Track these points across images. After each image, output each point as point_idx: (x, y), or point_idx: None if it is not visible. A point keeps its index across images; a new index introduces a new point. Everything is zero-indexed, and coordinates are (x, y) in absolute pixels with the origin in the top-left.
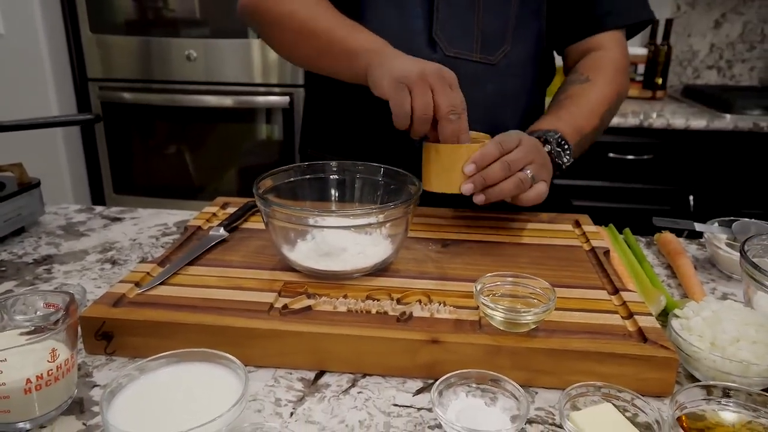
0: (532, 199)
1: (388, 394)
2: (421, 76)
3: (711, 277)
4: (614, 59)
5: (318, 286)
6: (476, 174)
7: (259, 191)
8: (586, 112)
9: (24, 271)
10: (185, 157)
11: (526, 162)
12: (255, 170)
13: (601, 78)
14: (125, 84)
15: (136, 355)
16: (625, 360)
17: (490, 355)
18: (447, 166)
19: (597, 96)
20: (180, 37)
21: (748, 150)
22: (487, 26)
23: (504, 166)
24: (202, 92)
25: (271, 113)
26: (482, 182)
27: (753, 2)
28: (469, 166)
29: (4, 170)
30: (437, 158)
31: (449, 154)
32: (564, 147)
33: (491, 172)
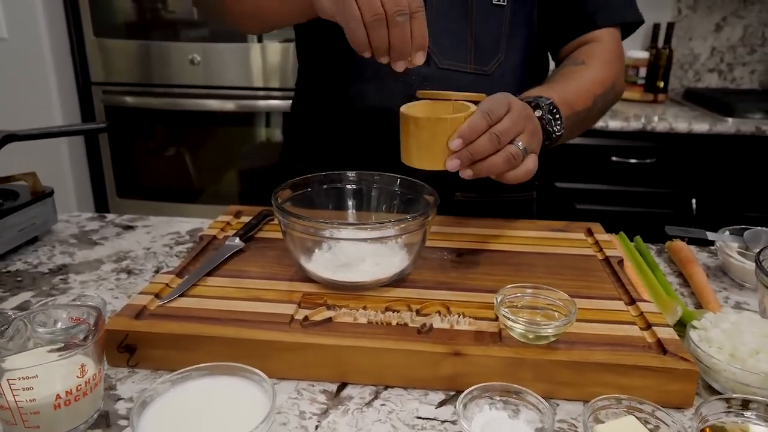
0: (520, 177)
1: (411, 406)
2: None
3: (723, 285)
4: (609, 49)
5: (337, 297)
6: (463, 149)
7: (278, 201)
8: (579, 89)
9: (40, 281)
10: (189, 160)
11: (517, 132)
12: (257, 174)
13: (597, 62)
14: (128, 88)
15: (158, 367)
16: (646, 372)
17: (511, 367)
18: (429, 141)
19: (592, 77)
20: (184, 41)
21: (750, 154)
22: (481, 37)
23: (493, 138)
24: (205, 96)
25: (273, 117)
26: (469, 158)
27: (754, 6)
28: (455, 141)
29: (18, 179)
30: (417, 131)
31: (431, 127)
32: (555, 115)
33: (479, 146)
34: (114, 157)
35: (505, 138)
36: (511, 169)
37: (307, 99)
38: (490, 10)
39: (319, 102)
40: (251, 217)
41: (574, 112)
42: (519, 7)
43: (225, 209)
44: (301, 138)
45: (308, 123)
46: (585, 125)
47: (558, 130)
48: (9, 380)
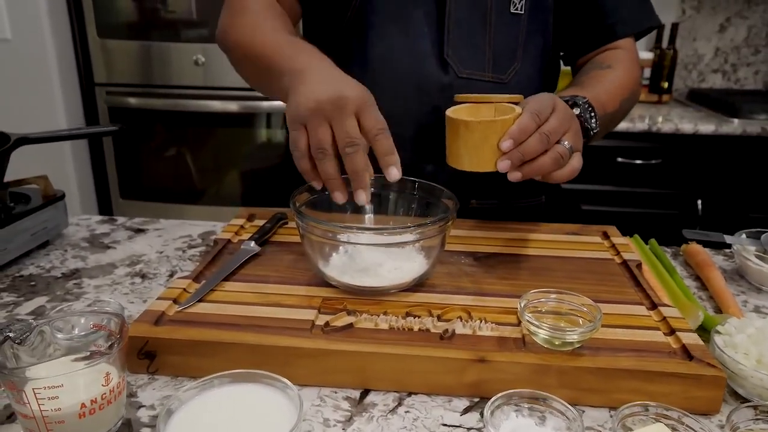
0: (566, 176)
1: (435, 413)
2: (315, 110)
3: (741, 289)
4: (630, 55)
5: (356, 302)
6: (513, 150)
7: (296, 205)
8: (608, 92)
9: (54, 286)
10: (192, 161)
11: (564, 131)
12: (260, 175)
13: (621, 66)
14: (132, 89)
15: (178, 373)
16: (673, 379)
17: (536, 374)
18: (479, 143)
19: (619, 80)
20: (187, 41)
21: (756, 155)
22: (498, 45)
23: (543, 138)
24: (209, 97)
25: (276, 118)
26: (520, 158)
27: (758, 6)
28: (506, 142)
29: (29, 182)
30: (467, 134)
31: (482, 129)
32: (591, 113)
33: (529, 147)
34: (118, 159)
35: (554, 138)
36: (558, 169)
37: None
38: (508, 19)
39: None
40: (265, 221)
41: (605, 113)
42: (535, 16)
43: (235, 212)
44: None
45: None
46: (610, 128)
47: (594, 126)
48: (34, 389)
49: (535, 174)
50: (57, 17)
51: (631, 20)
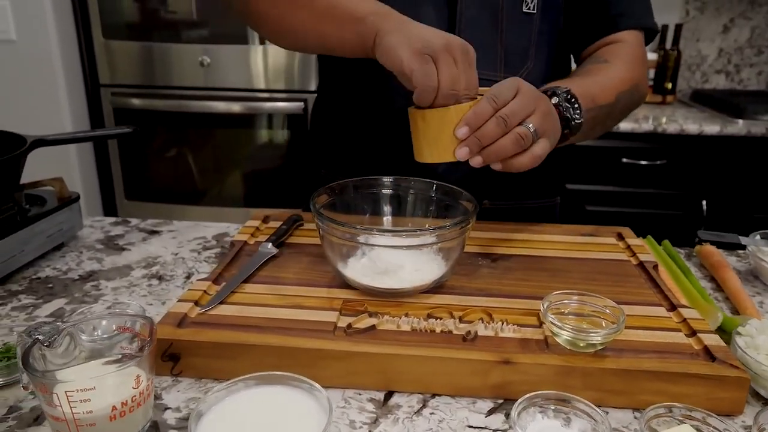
0: (528, 164)
1: (460, 415)
2: (447, 48)
3: (756, 290)
4: (633, 50)
5: (377, 304)
6: (470, 136)
7: (316, 207)
8: (601, 85)
9: (72, 288)
10: (197, 162)
11: (526, 113)
12: (265, 176)
13: (619, 61)
14: (137, 90)
15: (201, 375)
16: (696, 380)
17: (560, 375)
18: (437, 133)
19: (614, 74)
20: (193, 42)
21: (761, 155)
22: (511, 44)
23: (499, 122)
24: (215, 98)
25: (285, 119)
26: (477, 144)
27: (761, 7)
28: (461, 128)
29: (45, 184)
30: (425, 126)
31: (438, 118)
32: (573, 103)
33: (486, 130)
34: (123, 160)
35: (513, 120)
36: (521, 151)
37: (332, 105)
38: (520, 18)
39: (346, 109)
40: (280, 223)
41: (596, 106)
42: (547, 15)
43: (240, 213)
44: (325, 144)
45: (332, 129)
46: (607, 123)
47: (577, 117)
48: (67, 392)
49: (497, 157)
50: (62, 18)
51: (634, 15)
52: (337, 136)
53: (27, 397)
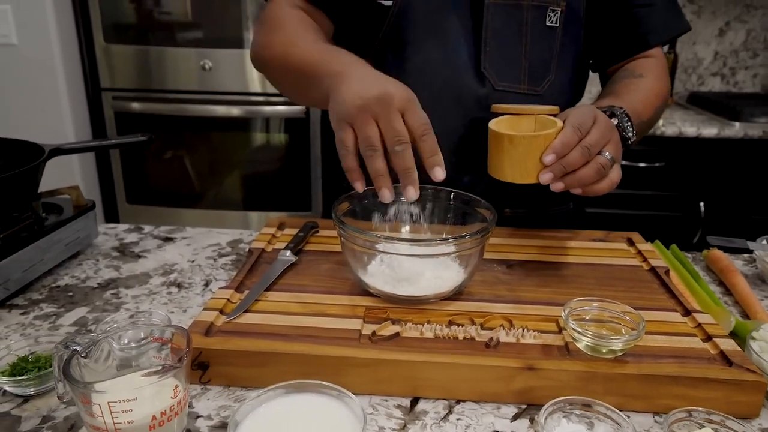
0: (606, 189)
1: (486, 420)
2: (362, 107)
3: (764, 294)
4: (661, 64)
5: (398, 311)
6: (556, 163)
7: (338, 215)
8: (643, 100)
9: (92, 297)
10: (198, 166)
11: (604, 143)
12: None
13: (653, 76)
14: (139, 94)
15: (229, 383)
16: (715, 384)
17: (583, 381)
18: (522, 156)
19: (652, 88)
20: (196, 47)
21: (758, 157)
22: (534, 57)
23: (584, 152)
24: (217, 102)
25: (285, 123)
26: (562, 171)
27: (756, 11)
28: (549, 156)
29: (62, 193)
30: (511, 148)
31: (526, 144)
32: (627, 122)
33: (571, 159)
34: (124, 164)
35: (595, 150)
36: (600, 179)
37: None
38: (543, 31)
39: None
40: (297, 230)
41: (640, 122)
42: (569, 29)
43: (241, 216)
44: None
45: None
46: (643, 135)
47: (632, 136)
48: (109, 403)
49: (578, 185)
50: (63, 22)
51: (663, 28)
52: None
53: (60, 406)
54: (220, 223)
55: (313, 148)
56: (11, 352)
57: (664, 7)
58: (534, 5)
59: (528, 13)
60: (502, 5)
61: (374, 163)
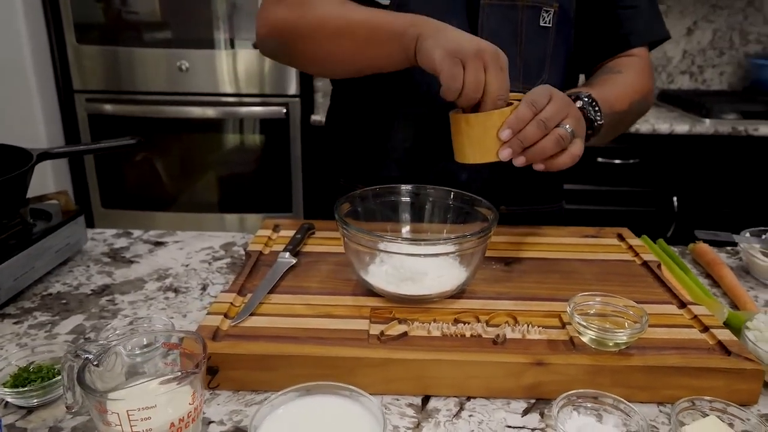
0: (567, 163)
1: (498, 416)
2: (477, 53)
3: (749, 285)
4: (643, 63)
5: (403, 310)
6: (513, 138)
7: (341, 215)
8: (617, 92)
9: (87, 304)
10: (176, 169)
11: (562, 117)
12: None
13: (632, 71)
14: (113, 96)
15: (239, 388)
16: (717, 373)
17: (590, 374)
18: (480, 135)
19: (628, 82)
20: (170, 47)
21: (727, 153)
22: (529, 58)
23: (540, 125)
24: (195, 104)
25: (266, 124)
26: (520, 145)
27: (722, 11)
28: (504, 131)
29: (50, 198)
30: (468, 129)
31: (482, 122)
32: (595, 106)
33: (528, 133)
34: (98, 168)
35: (551, 123)
36: (561, 151)
37: (346, 114)
38: (537, 32)
39: (366, 121)
40: (292, 231)
41: (613, 112)
42: (561, 28)
43: (219, 218)
44: (343, 154)
45: (351, 140)
46: (619, 128)
47: (599, 119)
48: (129, 411)
49: (539, 157)
50: (34, 23)
51: (645, 31)
52: (354, 146)
53: (66, 416)
54: (198, 225)
55: (293, 149)
56: (11, 363)
57: (648, 11)
58: (528, 6)
59: (522, 14)
60: (498, 6)
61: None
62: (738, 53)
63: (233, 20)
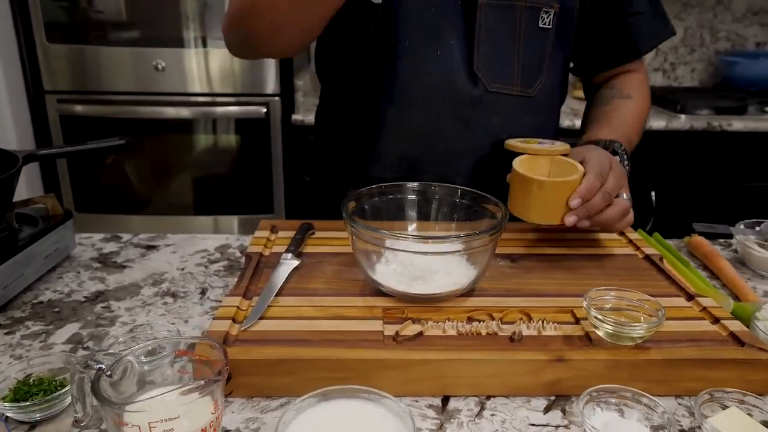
0: (623, 228)
1: (520, 414)
2: None
3: (746, 276)
4: (644, 79)
5: (415, 310)
6: (580, 207)
7: (349, 214)
8: (632, 124)
9: (81, 311)
10: (152, 171)
11: (620, 187)
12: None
13: (639, 95)
14: (84, 96)
15: (252, 394)
16: (732, 364)
17: (609, 369)
18: (550, 200)
19: (639, 110)
20: (147, 46)
21: (702, 148)
22: (527, 60)
23: (606, 196)
24: (172, 104)
25: (245, 124)
26: (586, 214)
27: (693, 9)
28: (575, 200)
29: (36, 203)
30: (540, 192)
31: (554, 188)
32: (626, 158)
33: (595, 203)
34: (71, 171)
35: (613, 194)
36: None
37: (340, 117)
38: (536, 33)
39: (356, 124)
40: (290, 232)
41: (631, 147)
42: (561, 31)
43: (197, 221)
44: (333, 156)
45: (341, 142)
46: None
47: (628, 168)
48: (150, 423)
49: (603, 225)
50: (2, 22)
51: (651, 36)
52: (345, 148)
53: (72, 430)
54: (176, 227)
55: (274, 149)
56: (9, 376)
57: (652, 14)
58: (527, 6)
59: (521, 14)
60: (496, 5)
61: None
62: (708, 50)
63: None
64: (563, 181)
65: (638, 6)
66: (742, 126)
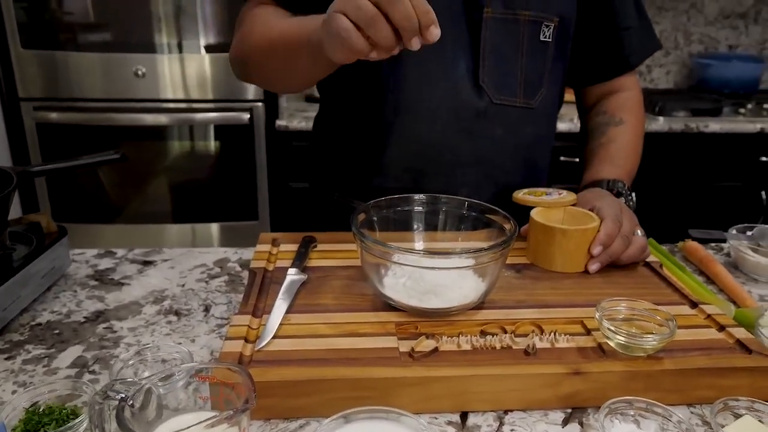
0: (644, 260)
1: (539, 428)
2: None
3: (740, 280)
4: (638, 99)
5: (427, 325)
6: (602, 253)
7: (359, 228)
8: (630, 153)
9: (83, 333)
10: (132, 179)
11: (635, 226)
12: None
13: (633, 118)
14: (64, 104)
15: (269, 416)
16: (741, 372)
17: (625, 380)
18: (573, 248)
19: (634, 135)
20: (127, 52)
21: (681, 149)
22: (529, 72)
23: (625, 240)
24: (153, 110)
25: (229, 131)
26: (608, 259)
27: (667, 12)
28: (597, 248)
29: (29, 220)
30: (564, 241)
31: (578, 237)
32: (630, 197)
33: (615, 249)
34: (49, 181)
35: (630, 236)
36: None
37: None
38: (538, 46)
39: (361, 134)
40: (292, 245)
41: (632, 177)
42: (560, 44)
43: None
44: (335, 168)
45: (344, 152)
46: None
47: (633, 207)
48: None
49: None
50: None
51: (641, 49)
52: (347, 159)
53: None
54: (159, 236)
55: (258, 156)
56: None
57: (641, 28)
58: (529, 20)
59: (524, 28)
60: (501, 19)
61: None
62: (683, 53)
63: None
64: (586, 228)
65: (629, 21)
66: (719, 127)
